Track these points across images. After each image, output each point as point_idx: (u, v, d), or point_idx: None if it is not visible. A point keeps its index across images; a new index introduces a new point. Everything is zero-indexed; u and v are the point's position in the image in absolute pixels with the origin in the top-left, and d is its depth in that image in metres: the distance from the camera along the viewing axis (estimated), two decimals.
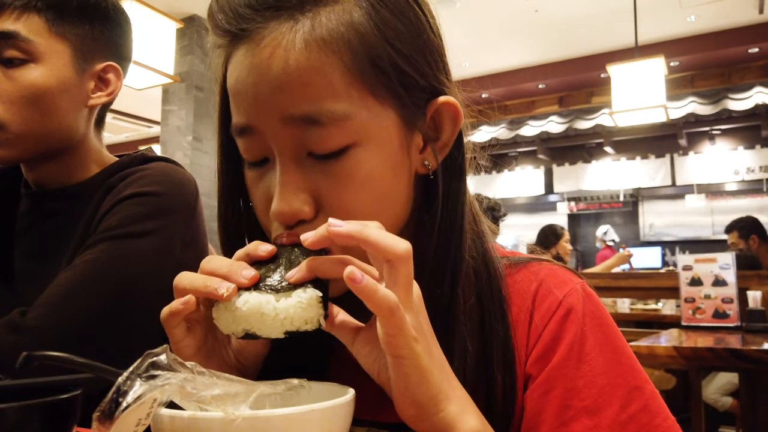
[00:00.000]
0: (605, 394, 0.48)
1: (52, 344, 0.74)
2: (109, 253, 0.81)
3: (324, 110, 0.45)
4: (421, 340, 0.40)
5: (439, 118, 0.52)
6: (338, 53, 0.45)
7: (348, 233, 0.40)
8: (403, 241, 0.40)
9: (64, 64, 0.88)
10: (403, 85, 0.48)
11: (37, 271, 0.91)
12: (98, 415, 0.32)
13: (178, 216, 0.89)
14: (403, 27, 0.48)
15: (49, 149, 0.90)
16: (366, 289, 0.38)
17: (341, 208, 0.47)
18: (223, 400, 0.36)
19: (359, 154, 0.47)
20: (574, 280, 0.55)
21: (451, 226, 0.52)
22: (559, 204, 7.90)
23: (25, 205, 0.96)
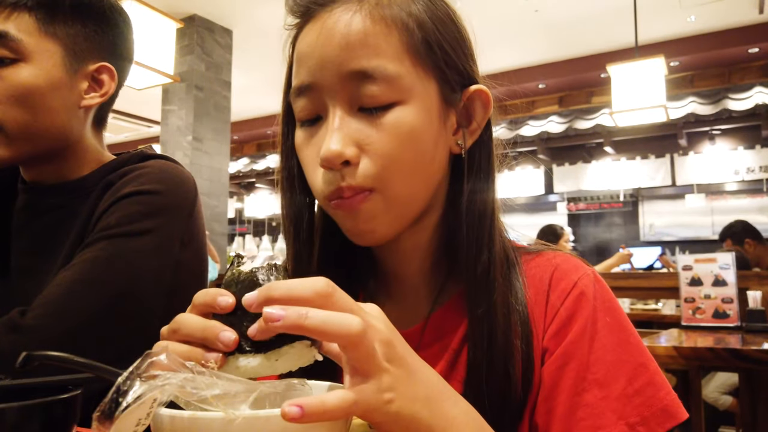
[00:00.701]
0: (614, 369, 0.53)
1: (52, 344, 0.74)
2: (108, 251, 0.81)
3: (379, 67, 0.52)
4: (396, 397, 0.38)
5: (471, 105, 0.60)
6: (396, 29, 0.54)
7: (288, 326, 0.35)
8: (353, 320, 0.36)
9: (54, 63, 0.87)
10: (446, 62, 0.56)
11: (34, 267, 0.91)
12: (98, 415, 0.32)
13: (177, 214, 0.89)
14: (448, 22, 0.58)
15: (44, 150, 0.89)
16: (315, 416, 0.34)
17: (383, 156, 0.53)
18: (223, 400, 0.36)
19: (405, 110, 0.54)
20: (586, 267, 0.60)
21: (483, 204, 0.58)
22: (559, 204, 7.90)
23: (22, 201, 0.96)
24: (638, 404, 0.52)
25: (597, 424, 0.51)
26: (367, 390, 0.37)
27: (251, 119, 7.91)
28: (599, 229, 8.05)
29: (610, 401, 0.52)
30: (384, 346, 0.39)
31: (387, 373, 0.38)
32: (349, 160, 0.53)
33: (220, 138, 5.02)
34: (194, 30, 4.83)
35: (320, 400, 0.35)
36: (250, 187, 9.97)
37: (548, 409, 0.54)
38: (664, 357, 1.85)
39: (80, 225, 0.88)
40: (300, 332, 0.36)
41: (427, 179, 0.57)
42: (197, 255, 0.94)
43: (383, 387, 0.38)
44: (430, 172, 0.57)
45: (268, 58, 5.80)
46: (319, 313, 0.36)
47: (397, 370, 0.39)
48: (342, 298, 0.38)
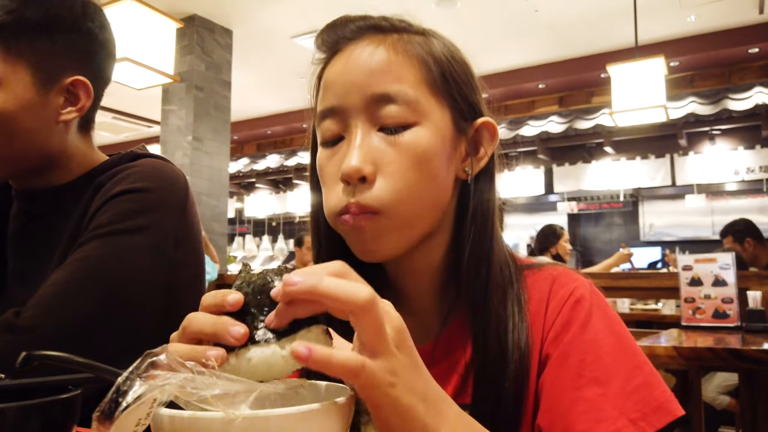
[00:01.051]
0: (611, 369, 0.55)
1: (48, 343, 0.74)
2: (101, 250, 0.81)
3: (399, 91, 0.58)
4: (398, 382, 0.39)
5: (479, 135, 0.64)
6: (416, 61, 0.60)
7: (304, 290, 0.37)
8: (363, 288, 0.37)
9: (24, 86, 0.84)
10: (459, 94, 0.62)
11: (28, 272, 0.91)
12: (98, 415, 0.32)
13: (169, 212, 0.89)
14: (460, 62, 0.64)
15: (26, 169, 0.89)
16: (319, 363, 0.36)
17: (397, 173, 0.57)
18: (223, 400, 0.36)
19: (420, 132, 0.58)
20: (582, 278, 0.64)
21: (484, 225, 0.62)
22: (559, 204, 7.90)
23: (15, 208, 0.96)
24: (636, 401, 0.53)
25: (598, 417, 0.53)
26: (375, 365, 0.38)
27: (251, 119, 7.92)
28: (599, 229, 8.05)
29: (609, 398, 0.54)
30: (395, 332, 0.40)
31: (395, 357, 0.39)
32: (366, 177, 0.56)
33: (220, 138, 5.02)
34: (194, 30, 4.83)
35: (330, 351, 0.36)
36: (250, 187, 9.97)
37: (549, 407, 0.56)
38: (664, 357, 1.85)
39: (73, 227, 0.88)
40: (314, 296, 0.37)
41: (435, 201, 0.61)
42: (193, 252, 0.94)
43: (389, 368, 0.38)
44: (438, 195, 0.61)
45: (268, 58, 5.80)
46: (332, 279, 0.37)
47: (404, 357, 0.40)
48: (356, 279, 0.39)
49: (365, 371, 0.37)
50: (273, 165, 8.54)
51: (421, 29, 0.64)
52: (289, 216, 9.94)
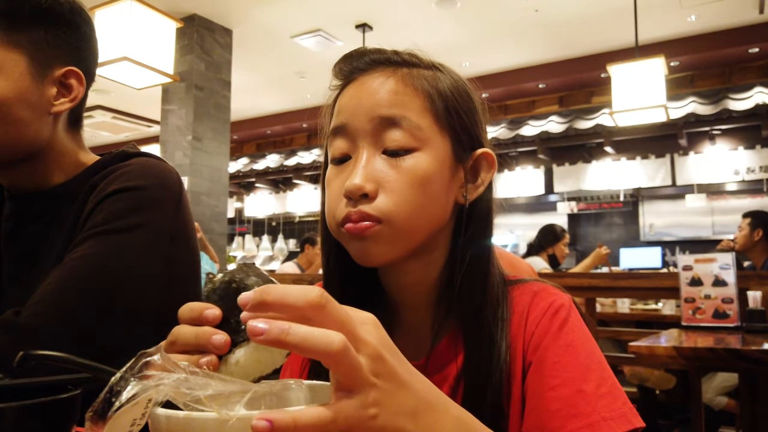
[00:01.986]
0: (585, 372, 0.59)
1: (47, 343, 0.74)
2: (98, 249, 0.81)
3: (404, 116, 0.63)
4: (380, 411, 0.38)
5: (478, 165, 0.69)
6: (422, 93, 0.65)
7: (270, 341, 0.35)
8: (335, 337, 0.36)
9: (20, 73, 0.85)
10: (460, 126, 0.66)
11: (24, 274, 0.91)
12: (91, 414, 0.32)
13: (164, 208, 0.89)
14: (465, 97, 0.69)
15: (13, 157, 0.89)
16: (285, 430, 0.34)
17: (397, 191, 0.61)
18: (217, 400, 0.36)
19: (421, 156, 0.63)
20: (562, 293, 0.68)
21: (480, 247, 0.67)
22: (559, 204, 7.89)
23: (9, 209, 0.96)
24: (606, 404, 0.57)
25: (572, 413, 0.56)
26: (350, 406, 0.37)
27: (251, 119, 7.92)
28: (599, 229, 8.05)
29: (583, 395, 0.57)
30: (372, 360, 0.38)
31: (374, 388, 0.38)
32: (368, 194, 0.61)
33: (219, 138, 5.02)
34: (194, 30, 4.83)
35: (292, 417, 0.34)
36: (250, 186, 9.97)
37: (529, 411, 0.60)
38: (664, 357, 1.85)
39: (68, 229, 0.88)
40: (282, 347, 0.36)
41: (431, 219, 0.65)
42: (188, 248, 0.94)
43: (368, 402, 0.37)
44: (435, 214, 0.65)
45: (268, 58, 5.80)
46: (300, 329, 0.35)
47: (384, 383, 0.39)
48: (334, 309, 0.37)
49: (339, 421, 0.36)
50: (273, 165, 8.54)
51: (430, 63, 0.68)
52: (288, 216, 9.94)
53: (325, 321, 0.37)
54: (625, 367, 3.21)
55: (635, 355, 1.91)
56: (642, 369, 3.18)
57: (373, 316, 0.41)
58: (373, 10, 4.80)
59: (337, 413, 0.36)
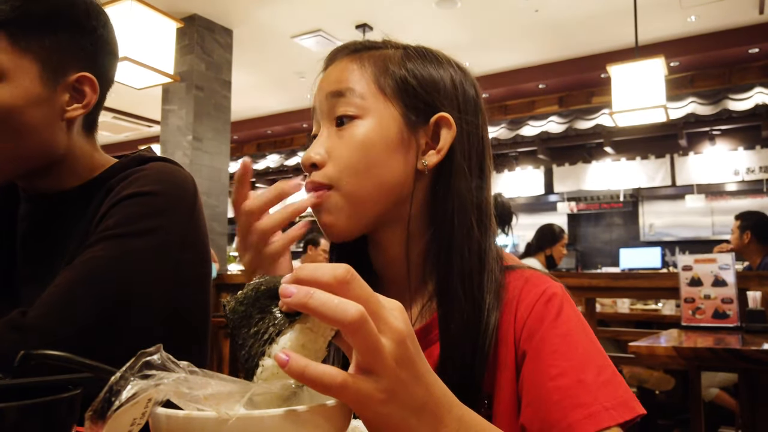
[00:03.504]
0: (585, 362, 0.59)
1: (53, 343, 0.74)
2: (108, 252, 0.81)
3: (349, 88, 0.67)
4: (391, 399, 0.39)
5: (438, 129, 0.68)
6: (370, 67, 0.68)
7: (294, 304, 0.38)
8: (351, 307, 0.37)
9: (32, 80, 0.83)
10: (413, 92, 0.67)
11: (37, 275, 0.91)
12: (90, 414, 0.32)
13: (177, 215, 0.89)
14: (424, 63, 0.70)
15: (31, 167, 0.88)
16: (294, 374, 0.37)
17: (341, 157, 0.65)
18: (216, 399, 0.36)
19: (362, 123, 0.66)
20: (554, 281, 0.67)
21: (455, 213, 0.66)
22: (559, 204, 7.89)
23: (24, 209, 0.95)
24: (607, 393, 0.56)
25: (574, 403, 0.55)
26: (364, 384, 0.38)
27: (251, 119, 7.91)
28: (599, 230, 8.05)
29: (584, 385, 0.57)
30: (396, 345, 0.39)
31: (391, 374, 0.39)
32: (316, 164, 0.66)
33: (220, 138, 5.02)
34: (194, 30, 4.83)
35: (305, 363, 0.36)
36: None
37: (528, 403, 0.59)
38: (664, 357, 1.85)
39: (82, 231, 0.88)
40: (305, 311, 0.38)
41: (381, 184, 0.66)
42: (199, 255, 0.94)
43: (383, 387, 0.38)
44: (385, 180, 0.66)
45: (268, 58, 5.80)
46: (322, 295, 0.38)
47: (403, 372, 0.39)
48: (359, 286, 0.39)
49: (349, 390, 0.37)
50: (273, 165, 8.54)
51: (396, 45, 0.72)
52: None
53: (350, 296, 0.38)
54: (625, 368, 3.21)
55: (635, 356, 1.91)
56: (641, 370, 3.18)
57: (400, 304, 0.42)
58: (373, 10, 4.80)
59: (348, 382, 0.37)
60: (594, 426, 0.54)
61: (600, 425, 0.54)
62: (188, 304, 0.94)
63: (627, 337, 3.09)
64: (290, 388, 0.42)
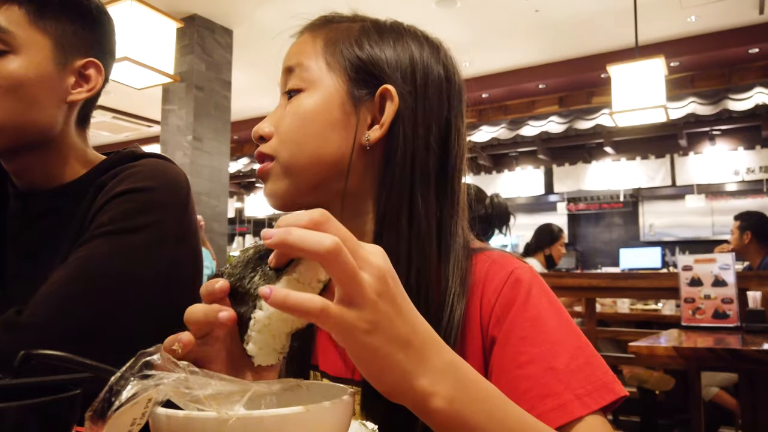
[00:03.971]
0: (557, 346, 0.56)
1: (49, 342, 0.74)
2: (103, 249, 0.81)
3: (299, 63, 0.68)
4: (375, 329, 0.39)
5: (383, 102, 0.66)
6: (321, 41, 0.69)
7: (275, 243, 0.39)
8: (327, 238, 0.38)
9: (44, 56, 0.87)
10: (357, 67, 0.66)
11: (30, 273, 0.91)
12: (90, 414, 0.32)
13: (171, 210, 0.89)
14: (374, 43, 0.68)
15: (26, 141, 0.89)
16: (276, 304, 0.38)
17: (284, 129, 0.66)
18: (216, 399, 0.36)
19: (304, 96, 0.66)
20: (521, 261, 0.65)
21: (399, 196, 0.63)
22: (559, 204, 7.90)
23: (14, 207, 0.95)
24: (581, 378, 0.54)
25: (543, 393, 0.53)
26: (347, 313, 0.38)
27: (251, 119, 7.91)
28: (599, 230, 8.05)
29: (555, 372, 0.54)
30: (376, 280, 0.40)
31: (373, 306, 0.39)
32: (263, 136, 0.68)
33: (220, 138, 5.02)
34: (194, 30, 4.83)
35: (286, 292, 0.38)
36: (250, 186, 9.97)
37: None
38: (664, 357, 1.85)
39: (75, 228, 0.88)
40: (284, 248, 0.40)
41: (317, 157, 0.65)
42: (192, 250, 0.94)
43: (365, 317, 0.39)
44: (319, 152, 0.65)
45: (268, 57, 5.80)
46: (299, 230, 0.39)
47: (385, 305, 0.40)
48: (335, 226, 0.40)
49: (330, 317, 0.38)
50: None
51: (353, 17, 0.72)
52: None
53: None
54: (625, 368, 3.22)
55: (635, 356, 1.91)
56: (641, 371, 3.18)
57: (379, 248, 0.42)
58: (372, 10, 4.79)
59: (329, 308, 0.38)
60: (564, 417, 0.52)
61: (571, 416, 0.52)
62: (184, 301, 0.94)
63: (627, 337, 3.09)
64: (291, 387, 0.42)
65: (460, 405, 0.43)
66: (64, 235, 0.89)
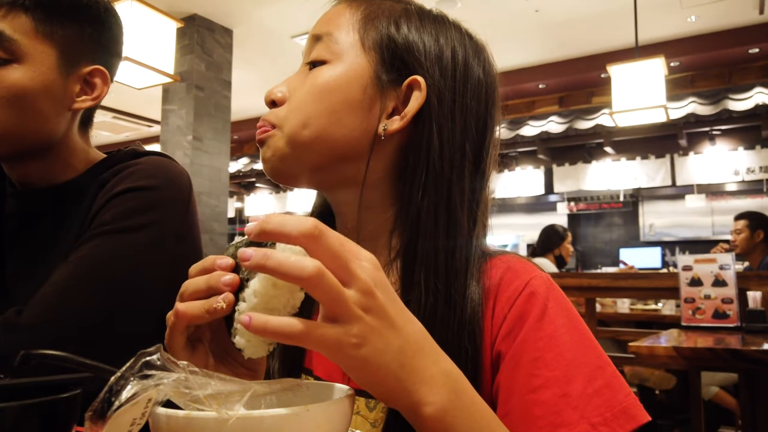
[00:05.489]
0: (573, 368, 0.51)
1: (49, 342, 0.74)
2: (104, 248, 0.81)
3: (328, 32, 0.63)
4: (365, 343, 0.39)
5: (410, 93, 0.62)
6: (357, 13, 0.64)
7: (253, 266, 0.38)
8: (308, 264, 0.37)
9: (49, 66, 0.85)
10: (390, 48, 0.62)
11: (30, 272, 0.91)
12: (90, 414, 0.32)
13: (173, 209, 0.89)
14: (414, 29, 0.64)
15: (26, 149, 0.88)
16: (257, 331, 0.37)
17: (296, 98, 0.62)
18: (216, 399, 0.36)
19: (327, 68, 0.62)
20: (538, 269, 0.60)
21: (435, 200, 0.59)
22: (559, 204, 7.89)
23: (12, 206, 0.95)
24: (598, 404, 0.50)
25: (557, 422, 0.49)
26: (330, 330, 0.38)
27: (251, 119, 7.91)
28: (599, 230, 8.05)
29: (570, 399, 0.50)
30: (362, 295, 0.39)
31: (360, 322, 0.39)
32: (275, 101, 0.63)
33: (220, 137, 5.02)
34: (194, 30, 4.83)
35: (266, 318, 0.37)
36: (250, 186, 9.96)
37: (504, 413, 0.52)
38: (664, 357, 1.85)
39: (76, 226, 0.87)
40: (264, 272, 0.39)
41: (326, 137, 0.60)
42: (193, 249, 0.94)
43: (352, 332, 0.38)
44: (329, 132, 0.61)
45: (269, 57, 5.80)
46: (278, 255, 0.37)
47: (373, 320, 0.39)
48: (327, 241, 0.38)
49: (311, 336, 0.37)
50: None
51: (407, 1, 0.68)
52: None
53: (319, 252, 0.38)
54: (626, 366, 3.22)
55: (635, 356, 1.91)
56: (642, 369, 3.18)
57: (372, 256, 0.41)
58: None
59: (310, 330, 0.37)
60: None
61: None
62: None
63: (627, 337, 3.09)
64: (291, 386, 0.42)
65: (453, 417, 0.42)
66: (64, 233, 0.89)
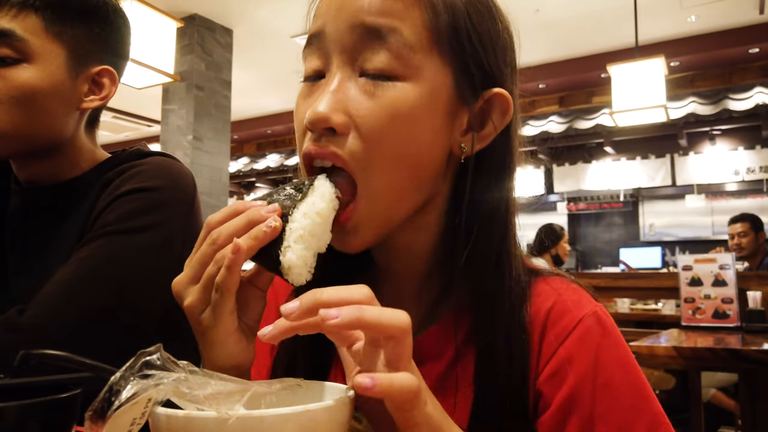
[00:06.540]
0: (630, 415, 0.48)
1: (50, 342, 0.74)
2: (107, 249, 0.81)
3: (395, 29, 0.47)
4: (428, 399, 0.41)
5: (489, 108, 0.54)
6: (425, 7, 0.49)
7: (346, 323, 0.36)
8: (402, 313, 0.38)
9: (58, 66, 0.86)
10: (471, 56, 0.51)
11: (32, 269, 0.91)
12: (90, 414, 0.32)
13: (177, 210, 0.88)
14: (487, 17, 0.53)
15: (34, 149, 0.88)
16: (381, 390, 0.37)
17: (372, 131, 0.47)
18: (216, 399, 0.36)
19: (408, 88, 0.48)
20: (592, 302, 0.54)
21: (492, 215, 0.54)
22: (559, 204, 7.89)
23: (17, 202, 0.95)
24: None
25: None
26: (417, 386, 0.38)
27: (251, 119, 7.91)
28: (599, 229, 8.04)
29: None
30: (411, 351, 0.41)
31: (419, 377, 0.40)
32: (335, 128, 0.48)
33: (220, 137, 5.02)
34: (194, 29, 4.83)
35: (389, 377, 0.37)
36: (250, 186, 9.96)
37: None
38: (664, 357, 1.85)
39: (79, 225, 0.87)
40: (358, 327, 0.38)
41: (416, 176, 0.50)
42: None
43: (423, 388, 0.40)
44: (419, 169, 0.50)
45: (268, 57, 5.80)
46: (373, 309, 0.38)
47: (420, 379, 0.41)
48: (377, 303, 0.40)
49: (418, 394, 0.38)
50: (273, 164, 8.53)
51: None
52: None
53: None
54: None
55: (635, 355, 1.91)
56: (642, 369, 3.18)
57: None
58: None
59: (417, 386, 0.38)
60: None
61: None
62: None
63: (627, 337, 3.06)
64: (291, 386, 0.42)
65: None
66: (66, 232, 0.89)
